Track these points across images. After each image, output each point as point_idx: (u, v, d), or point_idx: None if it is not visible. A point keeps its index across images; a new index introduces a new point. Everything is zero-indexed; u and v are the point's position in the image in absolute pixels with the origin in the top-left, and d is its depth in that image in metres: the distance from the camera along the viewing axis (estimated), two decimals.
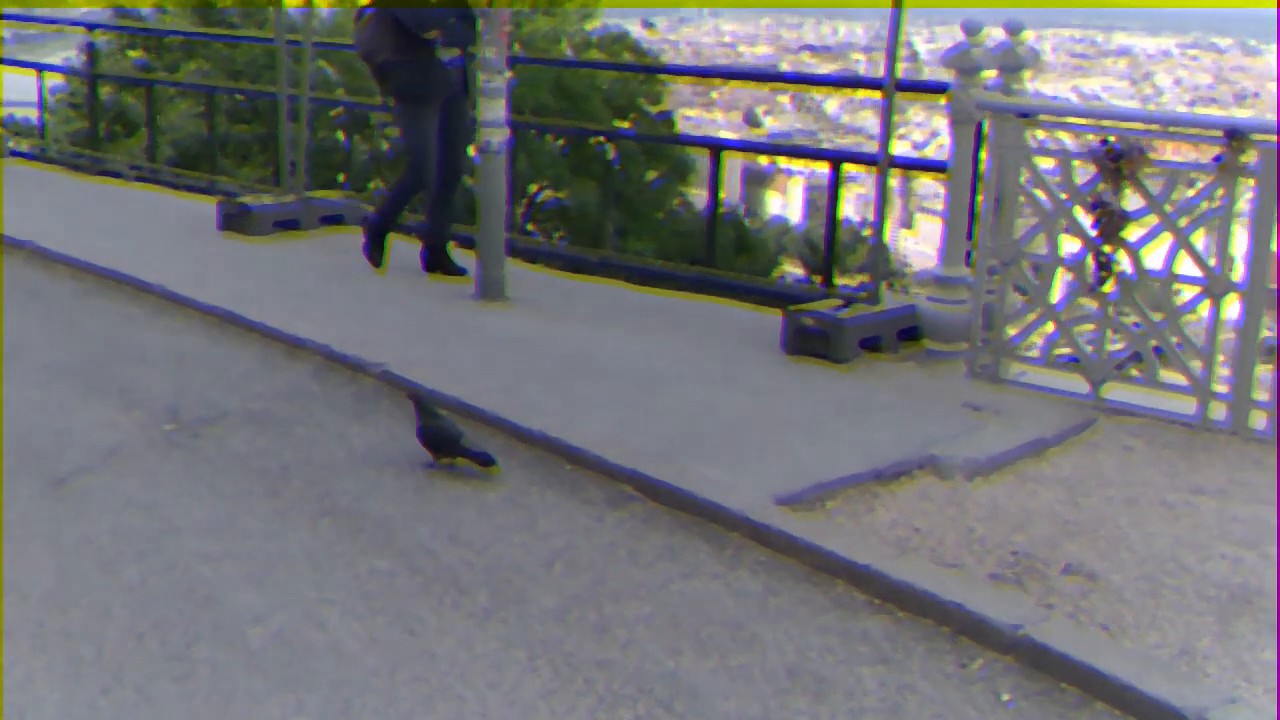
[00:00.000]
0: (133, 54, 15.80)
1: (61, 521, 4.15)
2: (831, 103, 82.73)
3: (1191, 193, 5.20)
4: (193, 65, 14.60)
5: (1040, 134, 5.57)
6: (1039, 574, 3.99)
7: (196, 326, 6.22)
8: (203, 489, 4.42)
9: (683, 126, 24.77)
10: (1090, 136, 5.45)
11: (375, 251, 7.13)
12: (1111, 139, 5.28)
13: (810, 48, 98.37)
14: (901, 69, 5.90)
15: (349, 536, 4.10)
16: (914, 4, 5.79)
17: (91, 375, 5.55)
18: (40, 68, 11.32)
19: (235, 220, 7.94)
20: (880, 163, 5.96)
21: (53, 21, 12.32)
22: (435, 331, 6.15)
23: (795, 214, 47.45)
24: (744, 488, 4.34)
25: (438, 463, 4.64)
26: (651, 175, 18.89)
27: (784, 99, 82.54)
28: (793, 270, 22.05)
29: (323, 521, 4.21)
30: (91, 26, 11.71)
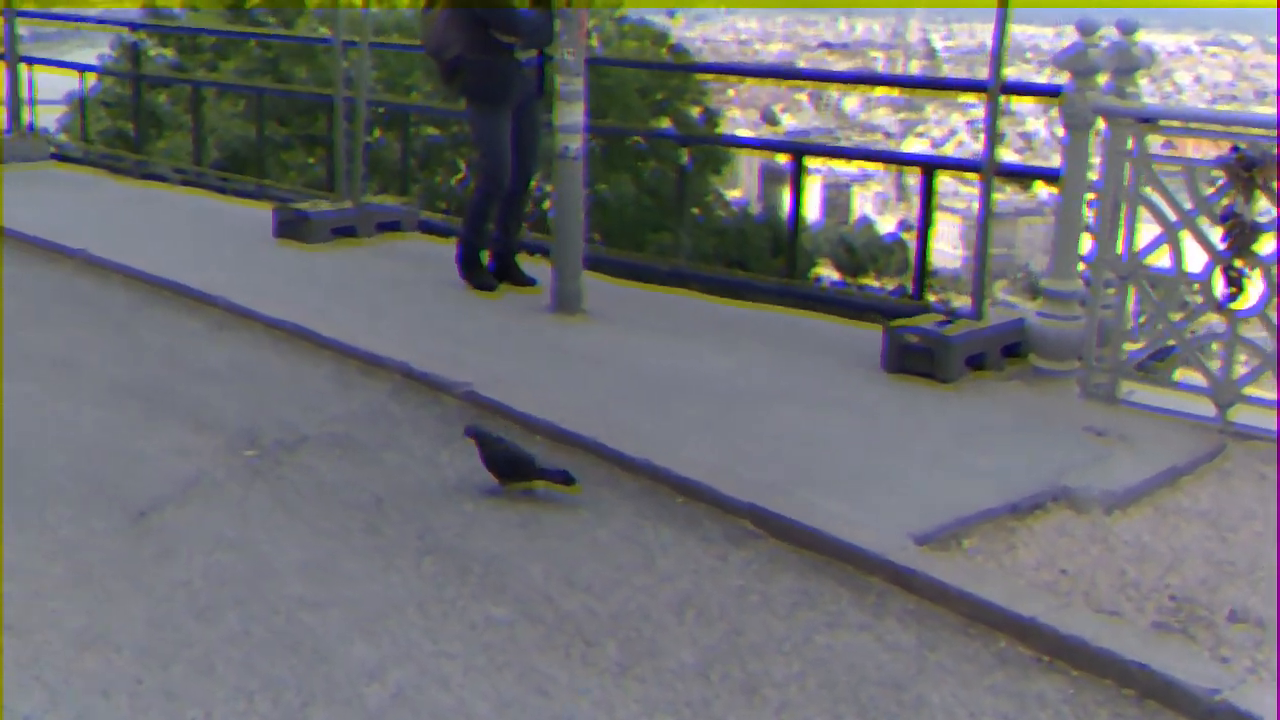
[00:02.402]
0: (166, 52, 15.50)
1: (147, 561, 3.85)
2: (850, 100, 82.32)
3: None
4: (230, 65, 14.29)
5: (1160, 139, 5.26)
6: (1204, 621, 3.68)
7: (263, 341, 5.93)
8: (295, 524, 4.13)
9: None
10: (1213, 142, 5.15)
11: (471, 272, 6.70)
12: (1242, 145, 4.96)
13: (828, 45, 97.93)
14: (918, 66, 5.59)
15: (457, 578, 3.80)
16: (930, 4, 5.48)
17: (159, 394, 5.25)
18: (81, 68, 11.05)
19: (292, 227, 7.65)
20: (984, 169, 5.65)
21: (90, 20, 12.03)
22: (514, 347, 5.85)
23: (813, 213, 47.17)
24: (875, 525, 4.04)
25: (505, 490, 4.34)
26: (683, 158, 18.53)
27: (801, 96, 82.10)
28: (826, 273, 21.74)
29: (426, 561, 3.91)
30: (135, 26, 11.43)
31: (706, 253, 17.10)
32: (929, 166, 6.45)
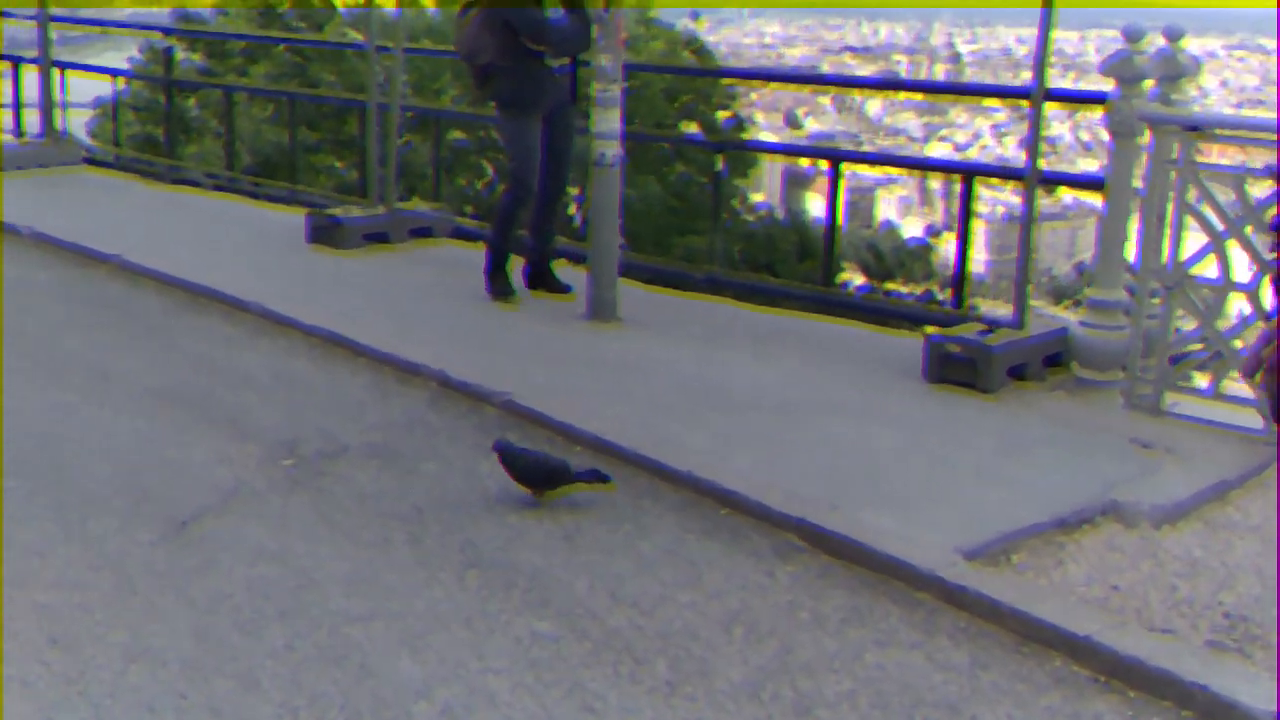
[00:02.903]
0: (193, 56, 15.53)
1: (190, 573, 3.83)
2: (873, 104, 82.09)
3: None
4: (260, 70, 14.29)
5: (1205, 148, 5.19)
6: (1260, 641, 3.61)
7: (300, 348, 5.91)
8: (336, 535, 4.09)
9: None
10: (1239, 148, 5.09)
11: (496, 283, 6.63)
12: None
13: (852, 49, 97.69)
14: (942, 70, 5.53)
15: (501, 592, 3.76)
16: (958, 3, 5.41)
17: (197, 402, 5.23)
18: (115, 73, 11.05)
19: (325, 233, 7.63)
20: (1028, 178, 5.58)
21: (124, 25, 12.04)
22: (551, 356, 5.81)
23: (836, 217, 46.93)
24: (924, 540, 3.98)
25: (543, 500, 4.31)
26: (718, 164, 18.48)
27: (824, 100, 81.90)
28: (851, 278, 21.62)
29: (469, 574, 3.87)
30: (167, 31, 11.43)
31: (733, 257, 17.02)
32: (969, 174, 6.36)
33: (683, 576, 3.89)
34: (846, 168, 7.24)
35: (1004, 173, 6.63)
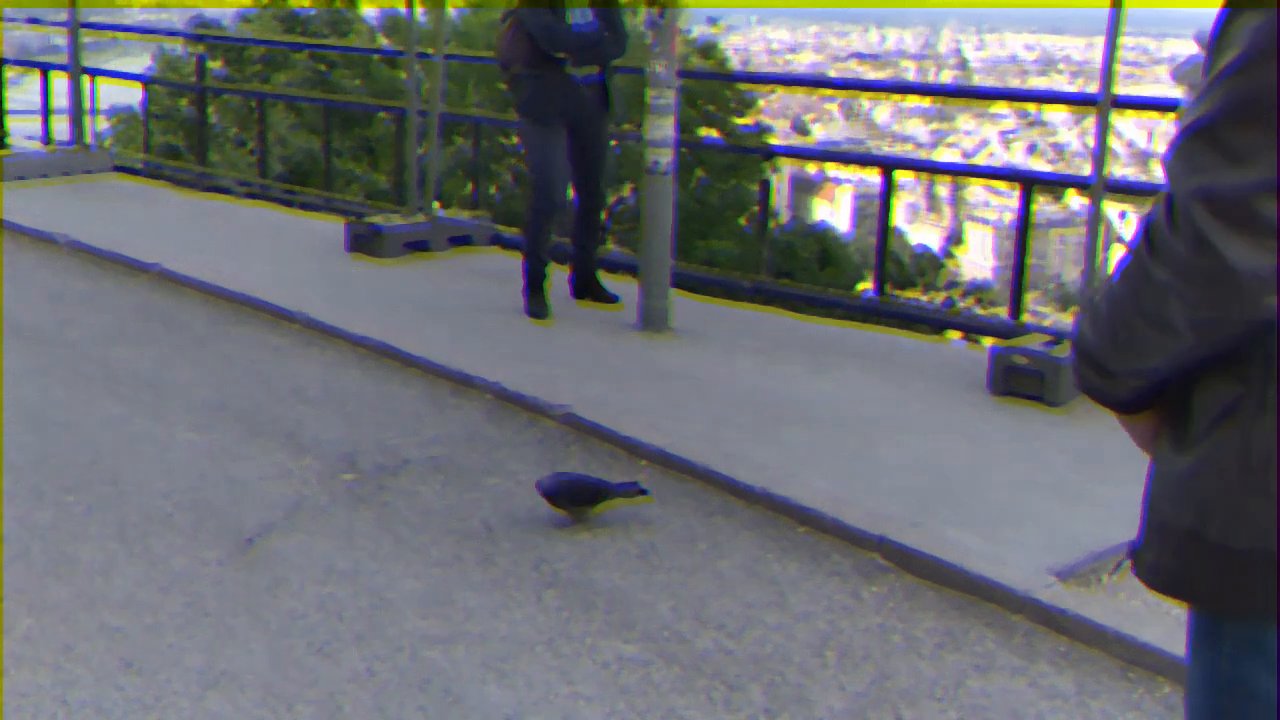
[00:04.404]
0: (213, 64, 15.42)
1: (260, 592, 3.71)
2: (881, 110, 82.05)
3: None
4: (283, 77, 14.19)
5: None
6: None
7: (350, 359, 5.80)
8: (405, 553, 3.98)
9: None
10: None
11: (533, 302, 6.45)
12: None
13: (859, 55, 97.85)
14: (950, 76, 5.43)
15: (582, 614, 3.65)
16: (969, 4, 5.29)
17: (251, 415, 5.13)
18: (146, 80, 10.96)
19: (365, 242, 7.53)
20: (1093, 187, 5.47)
21: (158, 32, 11.97)
22: (606, 367, 5.71)
23: (843, 222, 46.85)
24: (1013, 560, 3.87)
25: (576, 519, 4.18)
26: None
27: (832, 106, 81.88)
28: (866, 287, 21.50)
29: (547, 594, 3.76)
30: (203, 39, 11.33)
31: (755, 265, 16.91)
32: (1028, 182, 6.24)
33: (766, 597, 3.78)
34: (851, 172, 7.11)
35: (1067, 180, 6.46)
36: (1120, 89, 5.47)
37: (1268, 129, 1.17)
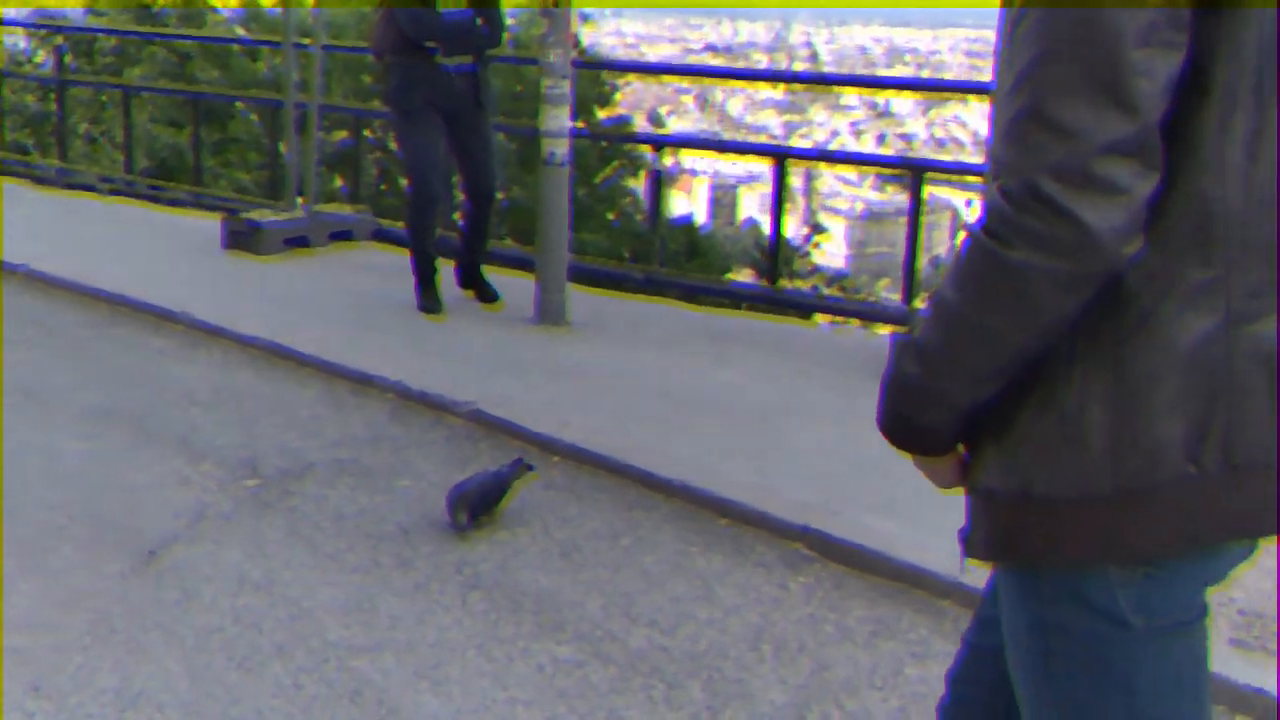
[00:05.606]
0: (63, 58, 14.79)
1: (170, 606, 3.55)
2: (735, 102, 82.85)
3: None
4: (136, 71, 13.67)
5: None
6: None
7: (240, 360, 5.60)
8: (320, 560, 3.84)
9: None
10: None
11: (426, 297, 6.29)
12: None
13: (712, 47, 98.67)
14: (801, 67, 5.48)
15: (510, 616, 3.56)
16: (818, 3, 5.37)
17: (140, 420, 4.91)
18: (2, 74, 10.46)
19: (243, 238, 7.30)
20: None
21: (11, 24, 11.42)
22: (508, 362, 5.60)
23: (701, 214, 47.14)
24: (936, 545, 3.88)
25: (470, 524, 4.03)
26: (608, 172, 18.36)
27: (687, 99, 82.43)
28: (739, 277, 21.60)
29: (472, 597, 3.66)
30: (65, 31, 10.85)
31: (624, 257, 16.87)
32: (918, 170, 6.30)
33: (694, 592, 3.73)
34: (708, 164, 7.15)
35: (956, 168, 6.56)
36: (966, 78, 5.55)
37: (1085, 101, 1.30)
